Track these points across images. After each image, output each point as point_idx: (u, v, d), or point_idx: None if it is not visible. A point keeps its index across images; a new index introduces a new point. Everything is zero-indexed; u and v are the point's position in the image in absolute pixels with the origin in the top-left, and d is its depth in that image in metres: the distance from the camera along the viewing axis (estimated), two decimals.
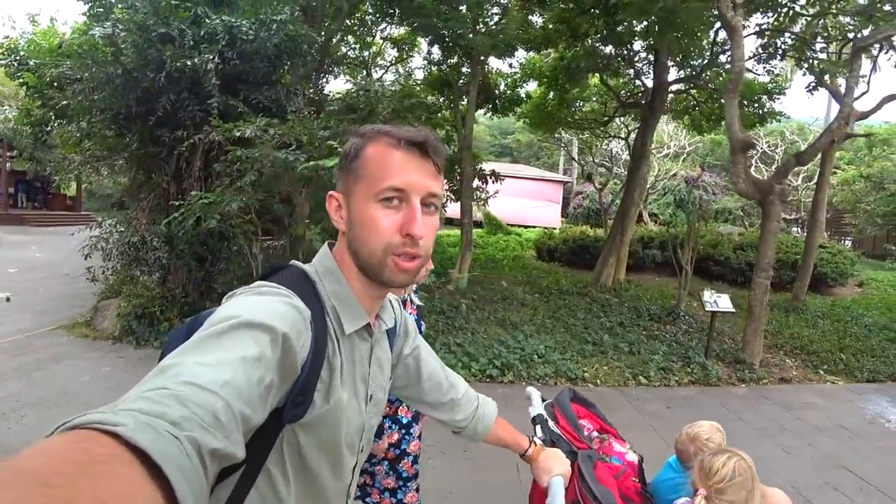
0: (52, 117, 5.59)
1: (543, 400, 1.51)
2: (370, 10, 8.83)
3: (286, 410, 0.65)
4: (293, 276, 0.74)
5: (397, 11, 8.41)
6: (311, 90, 6.36)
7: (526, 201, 17.47)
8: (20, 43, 5.45)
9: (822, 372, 5.79)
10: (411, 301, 1.78)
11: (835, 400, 5.05)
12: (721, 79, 9.10)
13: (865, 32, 6.24)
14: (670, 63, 9.02)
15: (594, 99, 11.11)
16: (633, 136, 11.03)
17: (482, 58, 8.49)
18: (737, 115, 5.33)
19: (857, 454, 3.78)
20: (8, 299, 5.79)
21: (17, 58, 5.41)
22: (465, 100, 10.78)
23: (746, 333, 5.80)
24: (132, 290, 5.28)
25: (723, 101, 9.44)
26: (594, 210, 15.05)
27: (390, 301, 0.93)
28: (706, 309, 5.69)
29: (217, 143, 4.68)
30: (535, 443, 1.16)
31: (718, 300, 5.67)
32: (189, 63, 4.64)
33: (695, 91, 9.71)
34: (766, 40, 7.98)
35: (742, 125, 9.85)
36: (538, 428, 1.32)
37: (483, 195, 10.37)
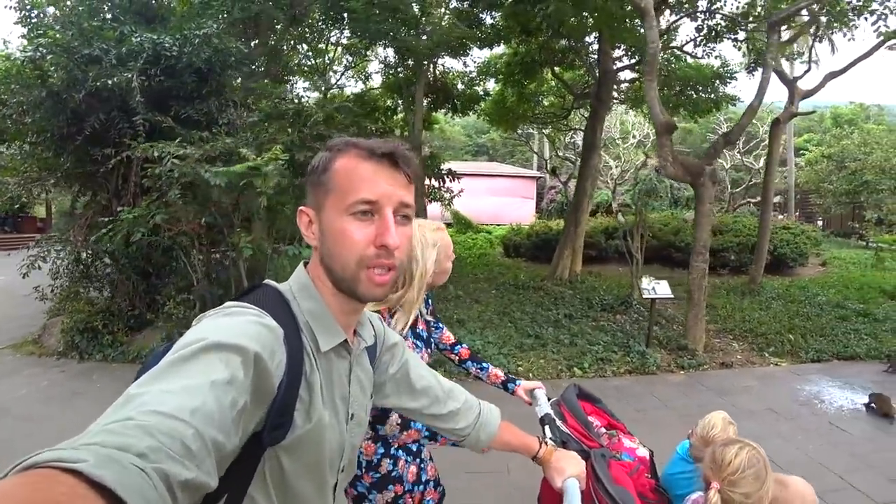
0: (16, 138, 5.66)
1: (549, 399, 1.46)
2: (319, 19, 8.87)
3: (265, 433, 0.63)
4: (265, 295, 0.72)
5: (345, 18, 8.47)
6: (263, 101, 6.40)
7: (500, 199, 17.51)
8: None
9: (766, 354, 5.78)
10: (421, 316, 1.65)
11: (772, 383, 5.01)
12: (673, 65, 9.13)
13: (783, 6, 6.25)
14: (620, 52, 9.05)
15: (552, 93, 11.13)
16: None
17: (425, 60, 8.50)
18: (657, 97, 5.29)
19: (779, 436, 3.74)
20: None
21: None
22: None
23: (688, 319, 5.80)
24: (75, 306, 5.35)
25: (678, 88, 9.57)
26: (566, 204, 15.08)
27: (369, 318, 0.91)
28: (643, 296, 5.70)
29: (151, 158, 4.73)
30: (545, 444, 1.12)
31: (657, 287, 5.67)
32: (110, 82, 4.69)
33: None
34: (699, 23, 7.99)
35: (674, 111, 9.93)
36: (547, 428, 1.27)
37: (446, 195, 10.42)
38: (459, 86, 10.89)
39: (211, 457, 0.47)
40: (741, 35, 7.83)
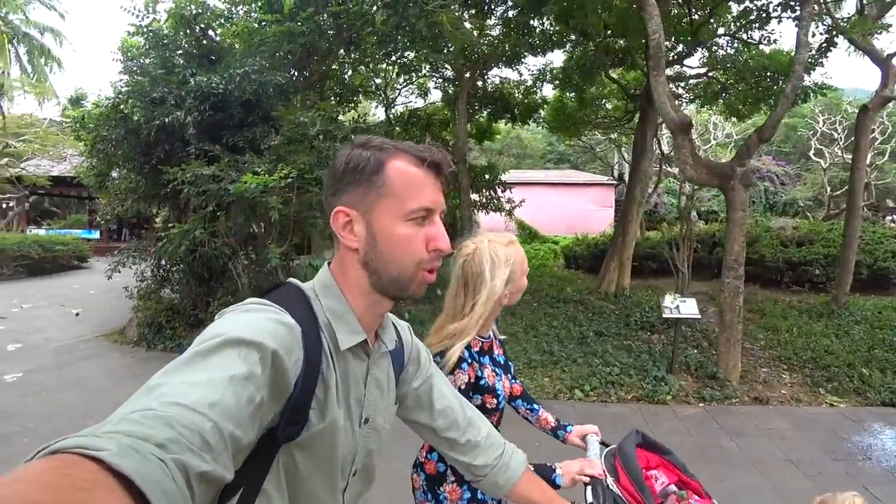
0: (108, 169, 6.99)
1: (606, 445, 1.24)
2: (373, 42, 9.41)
3: (280, 429, 0.63)
4: (287, 292, 0.73)
5: (399, 41, 8.88)
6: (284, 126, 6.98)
7: (574, 208, 16.70)
8: (84, 111, 6.93)
9: (822, 391, 4.89)
10: (496, 338, 1.54)
11: (812, 427, 4.18)
12: (744, 57, 8.09)
13: None
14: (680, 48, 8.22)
15: (615, 96, 10.44)
16: (661, 130, 10.17)
17: (466, 73, 8.58)
18: (666, 93, 4.74)
19: (783, 498, 3.08)
20: (77, 314, 7.35)
21: (81, 123, 6.79)
22: (483, 112, 10.96)
23: (719, 344, 5.14)
24: (149, 304, 6.38)
25: (754, 80, 8.44)
26: (647, 212, 13.94)
27: (397, 327, 0.92)
28: (663, 315, 5.16)
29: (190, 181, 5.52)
30: None
31: (682, 305, 5.10)
32: (168, 119, 5.56)
33: (720, 74, 8.69)
34: (745, 4, 6.91)
35: (753, 107, 8.64)
36: (589, 490, 1.05)
37: (506, 205, 10.36)
38: (518, 95, 10.75)
39: (228, 450, 0.48)
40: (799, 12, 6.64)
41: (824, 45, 6.91)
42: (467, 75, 8.76)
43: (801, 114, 13.07)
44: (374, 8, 6.13)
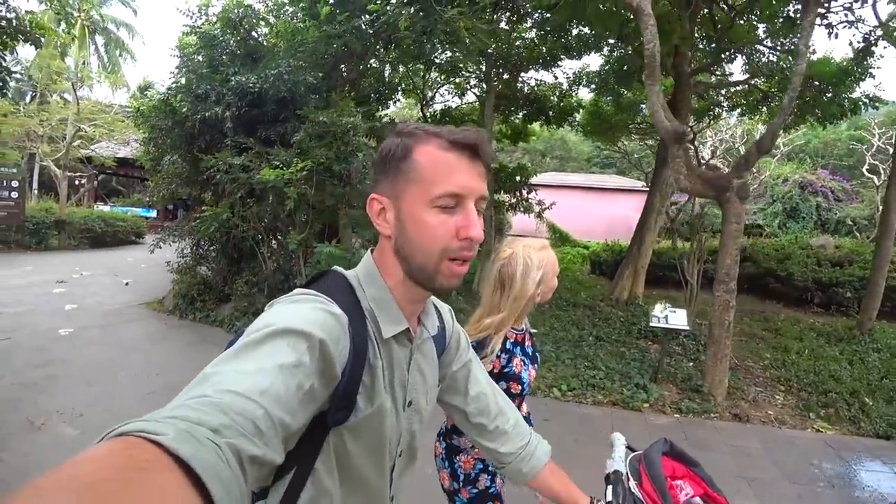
0: (160, 155, 7.99)
1: (632, 450, 1.26)
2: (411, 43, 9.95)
3: (330, 414, 0.67)
4: (333, 282, 0.76)
5: (425, 43, 9.37)
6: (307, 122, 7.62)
7: (613, 213, 16.53)
8: (141, 102, 7.96)
9: (812, 416, 4.90)
10: (528, 331, 1.72)
11: (784, 450, 4.19)
12: (784, 65, 7.93)
13: None
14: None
15: None
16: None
17: (494, 78, 8.91)
18: (659, 102, 4.87)
19: None
20: (127, 284, 8.46)
21: (139, 112, 7.79)
22: (518, 113, 11.24)
23: (707, 359, 5.25)
24: (184, 278, 7.29)
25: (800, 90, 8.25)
26: (685, 222, 13.65)
27: (438, 309, 0.94)
28: (650, 324, 5.34)
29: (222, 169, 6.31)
30: None
31: (671, 315, 5.26)
32: (208, 114, 6.37)
33: (762, 82, 8.53)
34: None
35: (800, 119, 8.34)
36: (609, 489, 1.10)
37: (536, 207, 10.67)
38: (553, 98, 10.97)
39: (278, 436, 0.52)
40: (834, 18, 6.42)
41: (860, 52, 6.68)
42: (495, 79, 9.09)
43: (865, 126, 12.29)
44: (401, 14, 6.66)
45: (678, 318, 5.24)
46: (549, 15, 9.10)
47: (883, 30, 6.47)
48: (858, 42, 6.72)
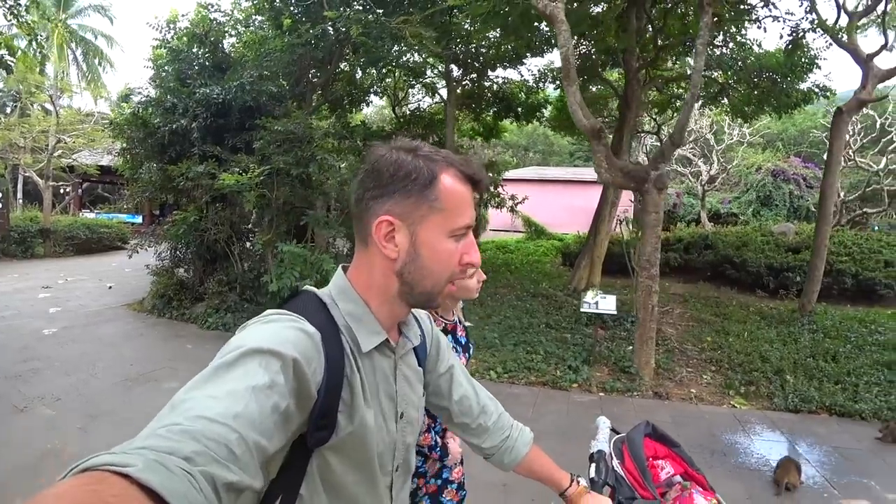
0: (137, 164, 8.71)
1: (616, 432, 1.40)
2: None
3: (310, 435, 0.68)
4: (304, 301, 0.78)
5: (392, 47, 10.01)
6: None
7: (590, 204, 17.12)
8: (118, 114, 8.68)
9: (731, 393, 5.49)
10: (460, 322, 1.83)
11: (690, 422, 4.74)
12: (736, 57, 8.51)
13: None
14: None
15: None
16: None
17: (455, 78, 9.57)
18: (577, 102, 5.39)
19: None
20: (110, 287, 9.25)
21: (115, 125, 8.50)
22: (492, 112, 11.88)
23: (634, 341, 5.88)
24: (161, 279, 8.03)
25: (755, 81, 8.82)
26: (665, 212, 14.25)
27: (417, 318, 0.98)
28: (581, 309, 5.98)
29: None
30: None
31: (601, 301, 5.91)
32: (174, 126, 7.09)
33: (720, 74, 9.11)
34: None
35: (758, 109, 8.88)
36: (593, 467, 1.22)
37: (509, 202, 11.36)
38: (521, 95, 11.61)
39: (255, 460, 0.53)
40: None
41: (789, 45, 7.24)
42: (463, 79, 9.75)
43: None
44: (352, 23, 7.31)
45: (608, 304, 5.90)
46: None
47: (824, 24, 6.99)
48: (788, 35, 7.28)
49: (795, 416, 5.03)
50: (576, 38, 9.47)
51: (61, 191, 15.89)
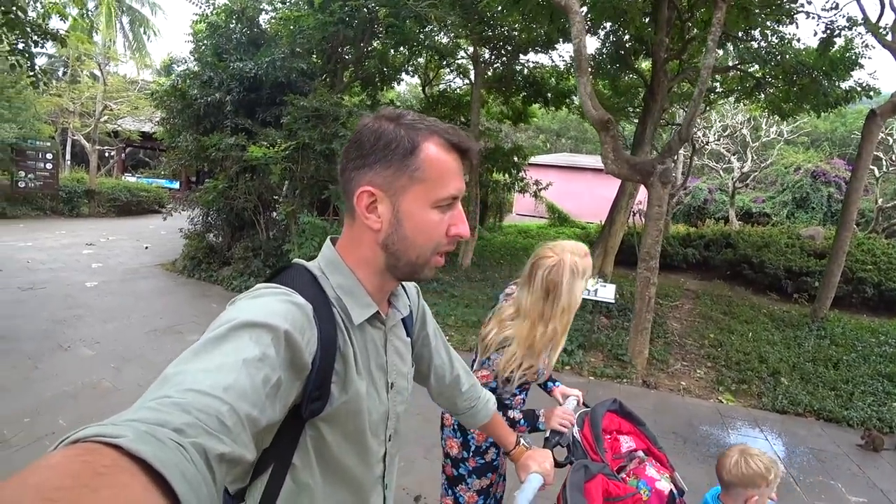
0: (175, 133, 9.44)
1: (586, 406, 1.58)
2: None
3: (304, 406, 0.71)
4: (294, 274, 0.80)
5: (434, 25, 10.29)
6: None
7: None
8: (159, 85, 9.40)
9: (721, 389, 5.71)
10: None
11: (670, 412, 4.95)
12: (774, 52, 8.43)
13: None
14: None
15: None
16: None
17: (482, 60, 9.81)
18: (587, 94, 5.55)
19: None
20: (147, 248, 10.11)
21: (155, 95, 9.20)
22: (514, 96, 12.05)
23: (630, 330, 6.17)
24: (192, 243, 8.78)
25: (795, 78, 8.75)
26: (695, 208, 14.11)
27: (404, 289, 1.00)
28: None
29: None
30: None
31: (601, 289, 6.21)
32: (209, 98, 7.69)
33: (755, 70, 9.03)
34: None
35: (797, 107, 8.77)
36: (550, 431, 1.42)
37: (534, 187, 11.63)
38: (552, 80, 11.72)
39: (246, 431, 0.54)
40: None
41: (823, 42, 7.14)
42: (494, 61, 9.99)
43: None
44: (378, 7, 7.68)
45: (607, 292, 6.20)
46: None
47: (867, 25, 6.90)
48: (823, 32, 7.19)
49: (780, 417, 5.20)
50: (608, 25, 9.59)
51: (106, 154, 17.14)
